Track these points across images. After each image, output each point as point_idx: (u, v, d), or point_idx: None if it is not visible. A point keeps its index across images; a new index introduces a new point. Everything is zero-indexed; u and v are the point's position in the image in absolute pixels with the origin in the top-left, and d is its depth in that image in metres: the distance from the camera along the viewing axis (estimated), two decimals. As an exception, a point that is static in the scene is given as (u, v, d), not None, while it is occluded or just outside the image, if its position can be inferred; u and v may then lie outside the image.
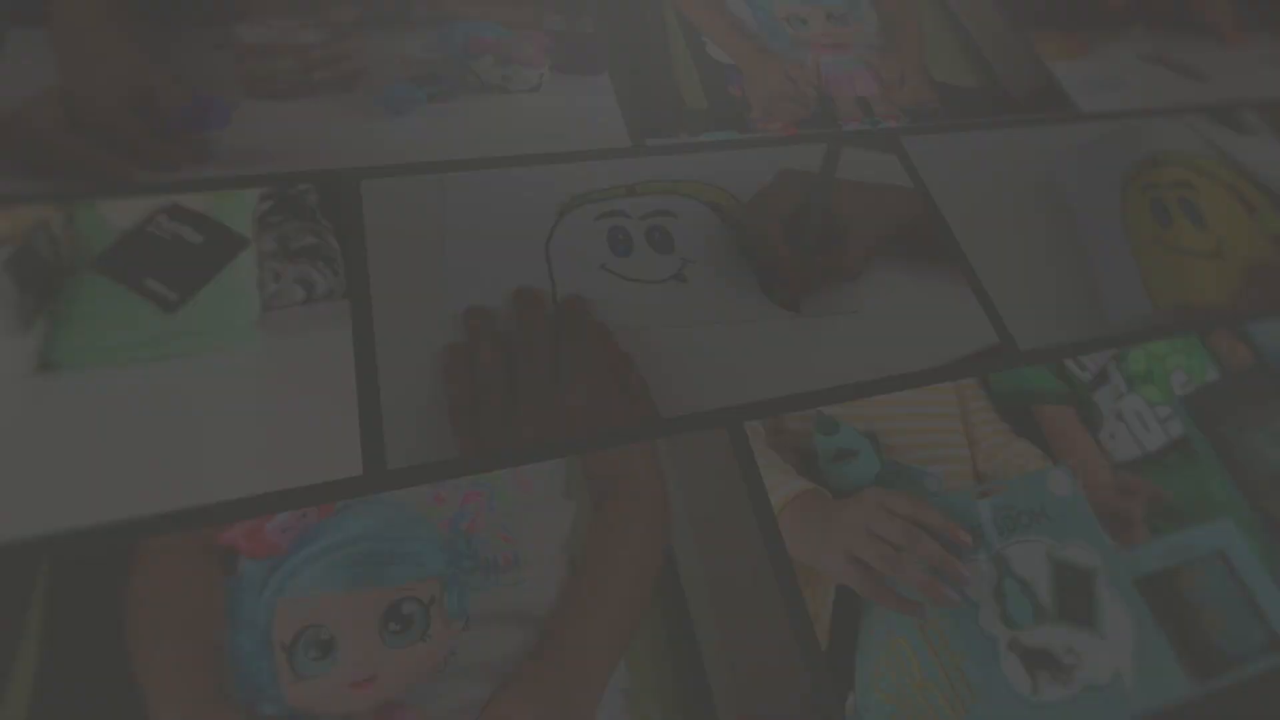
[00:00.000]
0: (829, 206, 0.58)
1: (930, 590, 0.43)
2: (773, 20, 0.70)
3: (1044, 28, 0.79)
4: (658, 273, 0.53)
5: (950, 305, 0.56)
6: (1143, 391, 0.56)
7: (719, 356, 0.51)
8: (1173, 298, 0.62)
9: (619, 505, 0.43)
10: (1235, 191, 0.70)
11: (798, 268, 0.55)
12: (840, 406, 0.50)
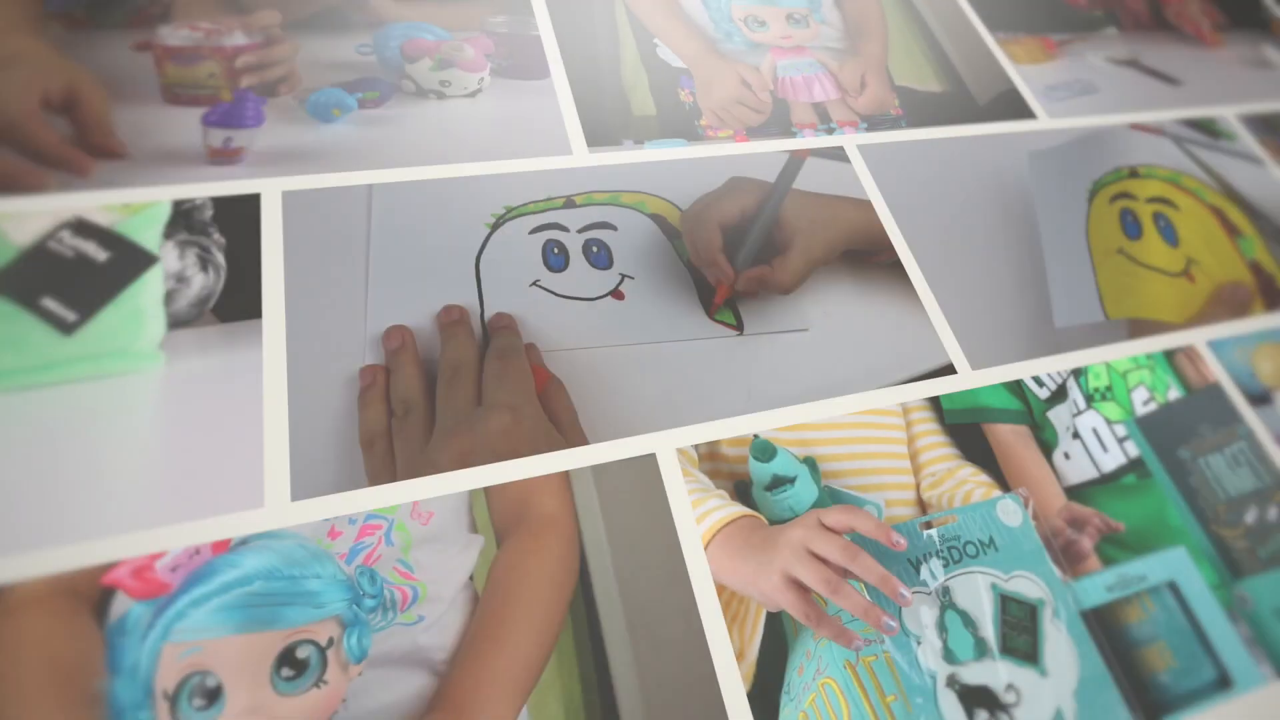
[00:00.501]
0: (776, 217, 0.56)
1: (870, 616, 0.41)
2: (728, 21, 0.68)
3: (1014, 30, 0.77)
4: (593, 289, 0.51)
5: (902, 323, 0.54)
6: (1102, 408, 0.54)
7: (654, 377, 0.49)
8: (1127, 310, 0.60)
9: (525, 540, 0.41)
10: (1219, 214, 0.68)
11: (731, 277, 0.53)
12: (778, 430, 0.48)
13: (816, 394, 0.50)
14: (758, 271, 0.54)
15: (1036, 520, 0.47)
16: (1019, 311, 0.57)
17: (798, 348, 0.52)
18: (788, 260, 0.54)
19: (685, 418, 0.47)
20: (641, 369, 0.49)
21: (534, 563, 0.40)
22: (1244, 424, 0.56)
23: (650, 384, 0.48)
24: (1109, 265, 0.62)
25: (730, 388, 0.49)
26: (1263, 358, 0.61)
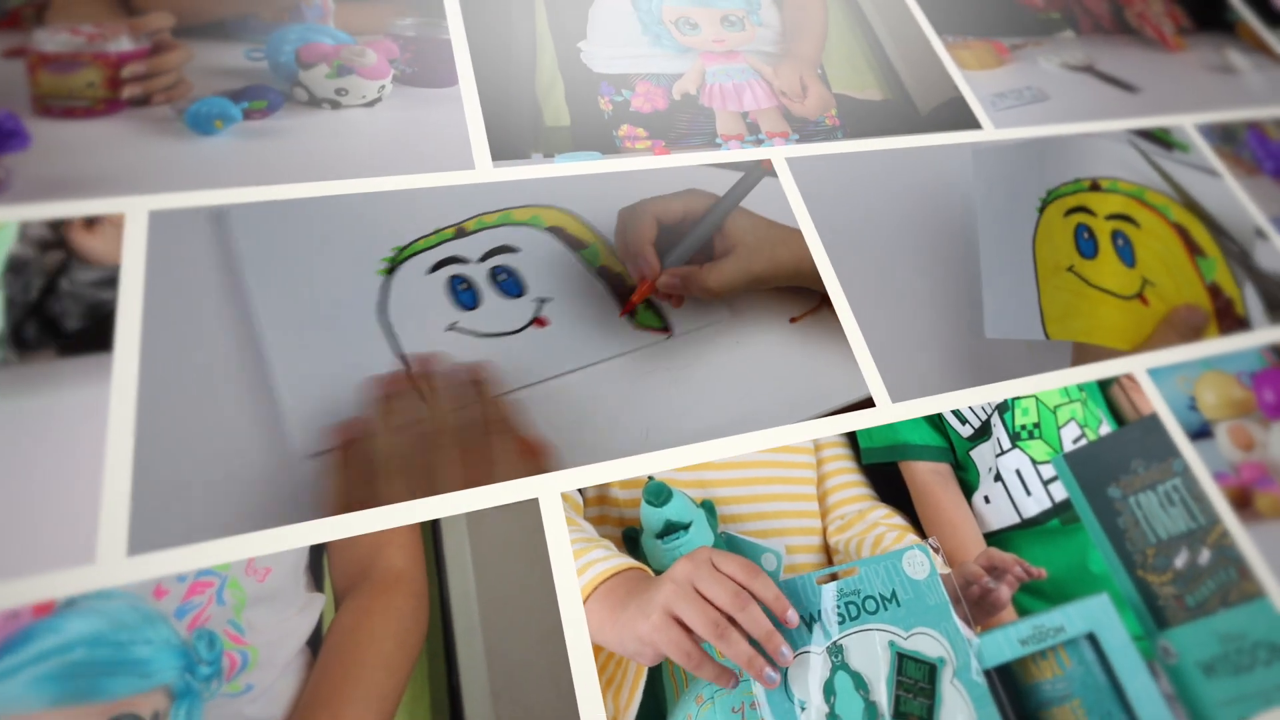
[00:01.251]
0: (720, 224, 0.53)
1: (752, 666, 0.39)
2: (658, 24, 0.64)
3: (964, 34, 0.73)
4: (514, 321, 0.48)
5: (821, 353, 0.51)
6: (1028, 448, 0.51)
7: (595, 404, 0.46)
8: (1071, 333, 0.57)
9: (369, 598, 0.38)
10: (1183, 233, 0.64)
11: (656, 272, 0.50)
12: (676, 471, 0.45)
13: (720, 430, 0.47)
14: (685, 270, 0.51)
15: (950, 569, 0.45)
16: (950, 340, 0.54)
17: (715, 378, 0.49)
18: (721, 265, 0.51)
19: (580, 456, 0.44)
20: (585, 396, 0.46)
21: (378, 623, 0.38)
22: (1180, 458, 0.53)
23: (591, 411, 0.46)
24: (1056, 282, 0.59)
25: (631, 422, 0.46)
26: (1206, 387, 0.58)
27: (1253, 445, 0.56)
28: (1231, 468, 0.55)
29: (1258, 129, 0.76)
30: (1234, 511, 0.52)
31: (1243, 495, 0.53)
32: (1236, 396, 0.58)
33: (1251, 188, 0.71)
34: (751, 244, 0.53)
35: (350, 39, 0.56)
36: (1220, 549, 0.50)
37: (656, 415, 0.46)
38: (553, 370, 0.46)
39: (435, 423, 0.43)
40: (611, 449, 0.45)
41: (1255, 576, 0.50)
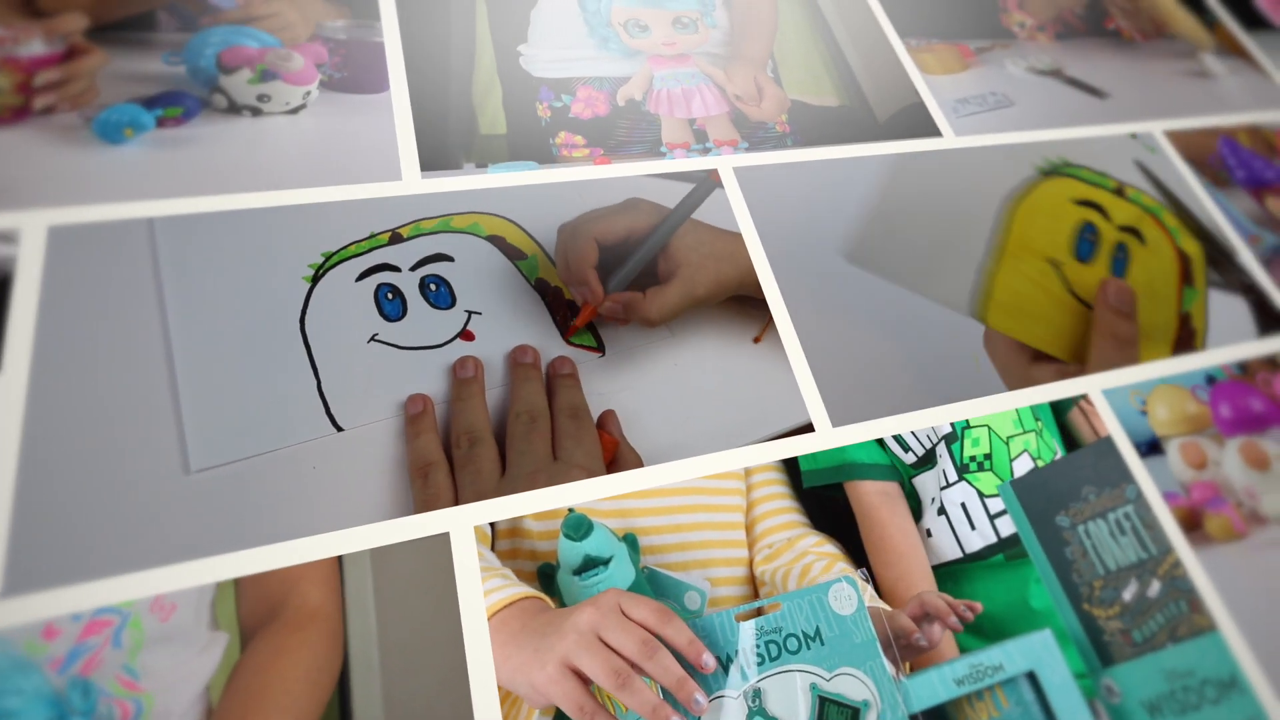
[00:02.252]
0: (665, 244, 0.51)
1: (657, 716, 0.37)
2: (606, 26, 0.62)
3: (928, 36, 0.71)
4: (439, 334, 0.46)
5: (766, 374, 0.49)
6: (976, 480, 0.49)
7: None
8: (1015, 329, 0.55)
9: (280, 636, 0.36)
10: (1185, 263, 0.61)
11: (600, 298, 0.48)
12: (599, 501, 0.43)
13: (650, 457, 0.45)
14: (627, 297, 0.49)
15: (880, 603, 0.43)
16: (896, 361, 0.52)
17: (648, 399, 0.47)
18: (664, 292, 0.49)
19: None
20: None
21: (288, 664, 0.36)
22: (1134, 484, 0.51)
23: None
24: (1023, 268, 0.55)
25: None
26: (1159, 401, 0.56)
27: (1205, 463, 0.54)
28: (1182, 487, 0.53)
29: (1230, 137, 0.74)
30: (1185, 536, 0.50)
31: (1192, 517, 0.51)
32: (1191, 411, 0.56)
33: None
34: (696, 263, 0.51)
35: (277, 42, 0.54)
36: (1171, 580, 0.48)
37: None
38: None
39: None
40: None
41: (1206, 609, 0.48)
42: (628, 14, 0.63)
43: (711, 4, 0.66)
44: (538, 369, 0.45)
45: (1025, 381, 0.54)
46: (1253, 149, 0.74)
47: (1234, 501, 0.53)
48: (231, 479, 0.39)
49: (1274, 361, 0.61)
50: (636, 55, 0.61)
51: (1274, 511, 0.53)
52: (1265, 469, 0.55)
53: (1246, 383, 0.59)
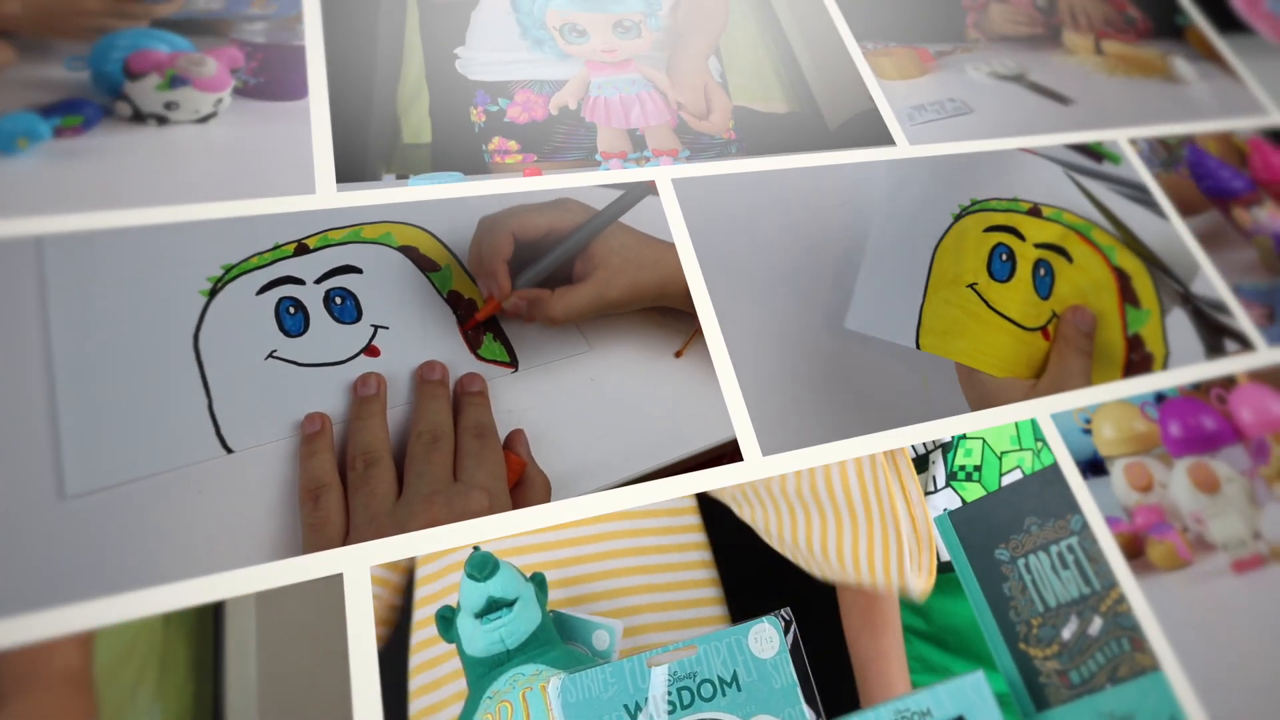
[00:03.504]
0: (584, 244, 0.49)
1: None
2: (540, 28, 0.59)
3: (886, 40, 0.69)
4: (342, 350, 0.44)
5: (693, 392, 0.47)
6: (962, 489, 0.48)
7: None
8: (950, 351, 0.53)
9: (33, 703, 0.33)
10: (1123, 280, 0.59)
11: (505, 293, 0.47)
12: (508, 538, 0.41)
13: (564, 486, 0.43)
14: (533, 293, 0.47)
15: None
16: (834, 384, 0.50)
17: (570, 423, 0.45)
18: (572, 291, 0.48)
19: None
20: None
21: None
22: (1079, 514, 0.49)
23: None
24: (947, 296, 0.55)
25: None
26: (1104, 418, 0.54)
27: (1151, 485, 0.52)
28: (1125, 512, 0.51)
29: (1196, 145, 0.72)
30: (1127, 565, 0.48)
31: (1135, 544, 0.49)
32: (1138, 430, 0.54)
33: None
34: (615, 266, 0.49)
35: (190, 46, 0.51)
36: (1114, 617, 0.46)
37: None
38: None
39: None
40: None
41: (1148, 647, 0.46)
42: (563, 18, 0.61)
43: (657, 4, 0.64)
44: (445, 386, 0.43)
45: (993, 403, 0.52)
46: (1221, 158, 0.72)
47: (1180, 527, 0.51)
48: (109, 505, 0.37)
49: (1230, 377, 0.59)
50: (574, 61, 0.59)
51: (1221, 537, 0.52)
52: (1214, 492, 0.53)
53: (1199, 399, 0.57)
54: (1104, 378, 0.55)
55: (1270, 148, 0.75)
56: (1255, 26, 0.87)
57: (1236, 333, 0.61)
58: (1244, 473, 0.55)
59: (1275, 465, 0.56)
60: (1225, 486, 0.54)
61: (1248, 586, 0.50)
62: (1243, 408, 0.58)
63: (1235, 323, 0.61)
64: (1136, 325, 0.58)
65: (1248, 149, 0.74)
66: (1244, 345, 0.61)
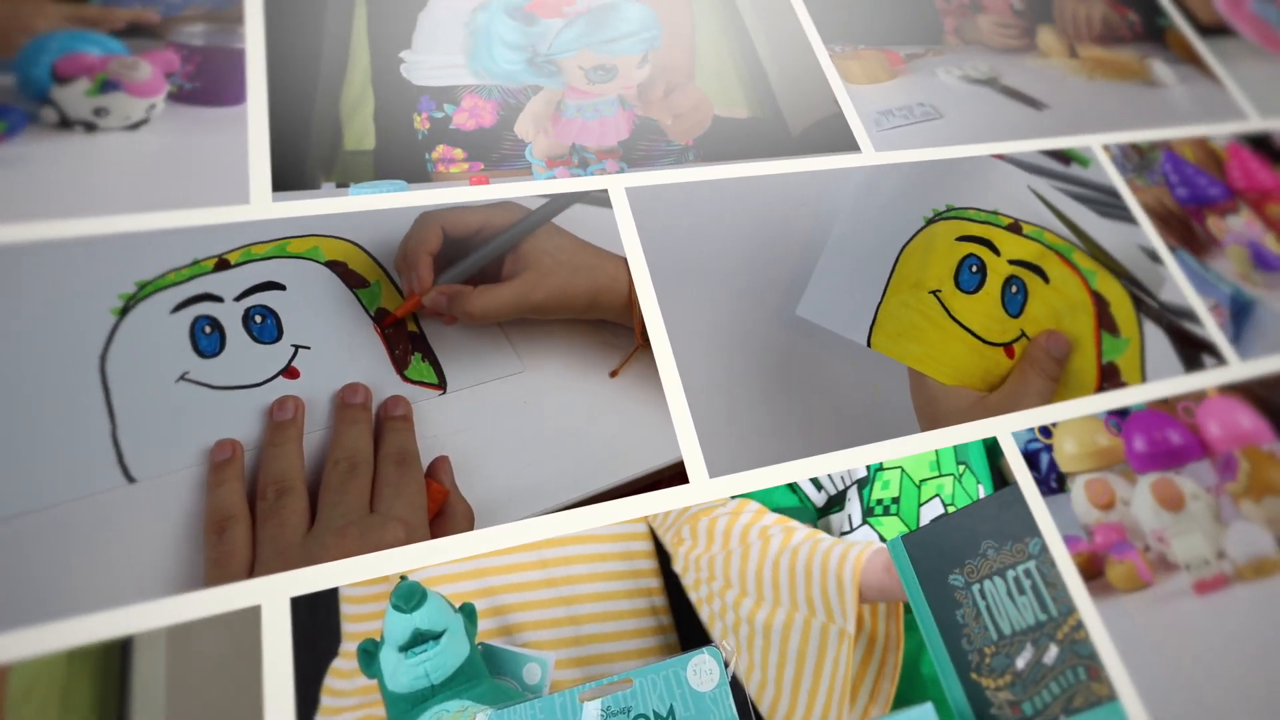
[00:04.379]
0: (515, 243, 0.48)
1: None
2: (550, 65, 0.57)
3: (854, 42, 0.67)
4: (259, 371, 0.42)
5: (636, 413, 0.46)
6: (879, 525, 0.46)
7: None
8: (901, 354, 0.52)
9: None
10: (1101, 305, 0.57)
11: (426, 288, 0.45)
12: (440, 566, 0.39)
13: (492, 513, 0.41)
14: (453, 288, 0.46)
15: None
16: (788, 402, 0.49)
17: (503, 442, 0.43)
18: (495, 289, 0.46)
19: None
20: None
21: None
22: (1038, 537, 0.48)
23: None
24: (906, 299, 0.54)
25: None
26: (1066, 432, 0.52)
27: (1113, 503, 0.51)
28: (1085, 530, 0.49)
29: (1173, 151, 0.70)
30: (1085, 587, 0.47)
31: (1093, 564, 0.48)
32: (1101, 445, 0.53)
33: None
34: (545, 268, 0.48)
35: (123, 49, 0.49)
36: (1071, 645, 0.45)
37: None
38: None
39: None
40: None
41: (1105, 676, 0.45)
42: (596, 59, 0.58)
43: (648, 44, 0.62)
44: (367, 410, 0.42)
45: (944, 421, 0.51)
46: (1197, 164, 0.71)
47: (1141, 546, 0.50)
48: (3, 538, 0.35)
49: (1199, 390, 0.57)
50: (554, 76, 0.57)
51: (1184, 557, 0.50)
52: (1178, 509, 0.52)
53: (1165, 413, 0.56)
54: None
55: (1249, 154, 0.74)
56: (1238, 29, 0.85)
57: (1211, 346, 0.60)
58: (1209, 489, 0.54)
59: (1242, 481, 0.55)
60: (1190, 504, 0.52)
61: (1209, 608, 0.49)
62: (1210, 421, 0.56)
63: (1204, 330, 0.60)
64: (1113, 354, 0.56)
65: (1226, 155, 0.73)
66: (1217, 359, 0.59)
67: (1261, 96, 0.79)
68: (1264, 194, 0.71)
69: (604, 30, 0.59)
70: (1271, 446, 0.57)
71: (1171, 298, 0.61)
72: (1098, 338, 0.56)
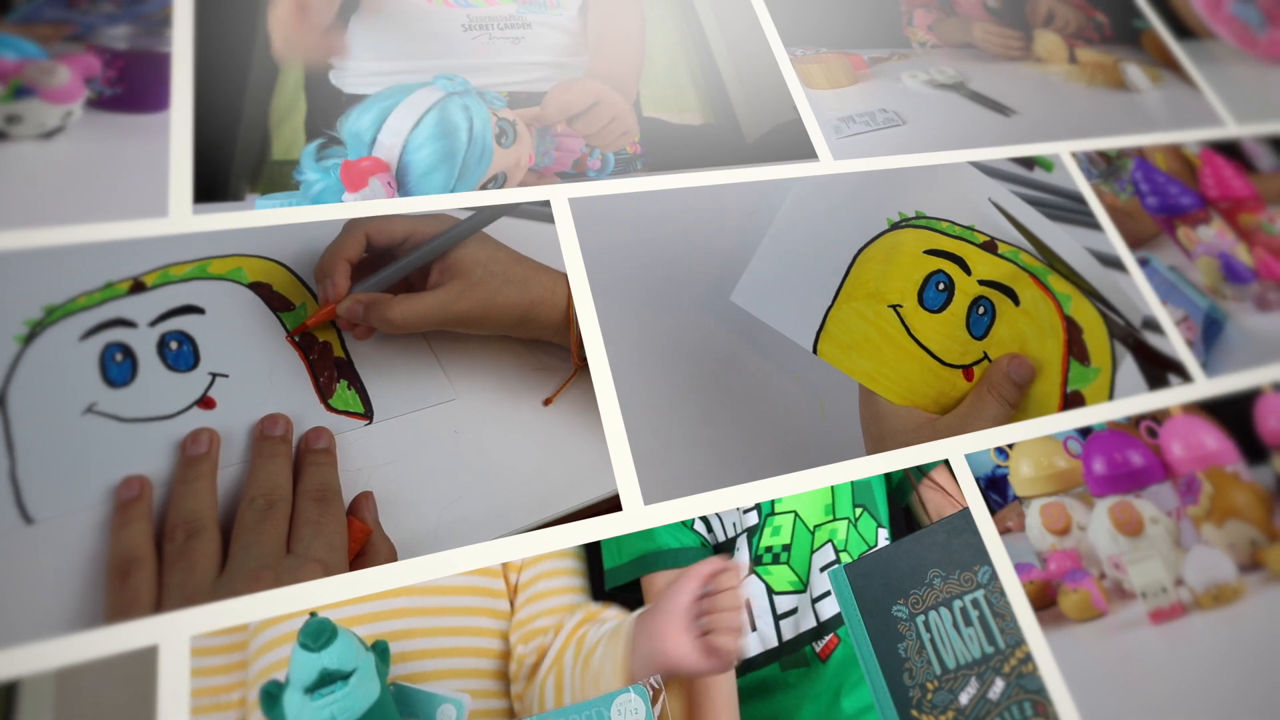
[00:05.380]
0: (443, 250, 0.46)
1: None
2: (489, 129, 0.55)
3: (816, 45, 0.65)
4: (173, 402, 0.40)
5: (571, 441, 0.44)
6: (767, 574, 0.43)
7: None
8: (849, 366, 0.50)
9: None
10: (1073, 331, 0.55)
11: (340, 296, 0.43)
12: (348, 604, 0.38)
13: (415, 544, 0.40)
14: (371, 296, 0.44)
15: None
16: (730, 426, 0.47)
17: (427, 471, 0.41)
18: (417, 297, 0.45)
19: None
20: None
21: None
22: (988, 565, 0.46)
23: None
24: (860, 308, 0.52)
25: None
26: (1023, 454, 0.51)
27: (1069, 528, 0.49)
28: (1038, 558, 0.48)
29: (1144, 158, 0.68)
30: (1036, 618, 0.45)
31: (1045, 594, 0.46)
32: (1059, 468, 0.51)
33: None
34: (475, 278, 0.46)
35: (41, 53, 0.47)
36: (1018, 679, 0.44)
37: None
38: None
39: None
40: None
41: (1053, 712, 0.43)
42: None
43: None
44: (287, 443, 0.40)
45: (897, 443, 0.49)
46: (1169, 172, 0.69)
47: (1096, 573, 0.48)
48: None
49: (1163, 409, 0.56)
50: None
51: (1141, 584, 0.49)
52: (1137, 534, 0.50)
53: (1128, 433, 0.54)
54: (1029, 432, 0.51)
55: (1224, 161, 0.72)
56: (1217, 31, 0.83)
57: (1178, 365, 0.58)
58: (1170, 513, 0.52)
59: (1204, 504, 0.53)
60: (1149, 528, 0.51)
61: (1165, 639, 0.47)
62: (1174, 441, 0.55)
63: (1170, 343, 0.58)
64: (1080, 383, 0.54)
65: (1199, 162, 0.71)
66: (1184, 378, 0.57)
67: (1238, 102, 0.77)
68: (1237, 202, 0.69)
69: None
70: (1236, 467, 0.55)
71: (1137, 309, 0.59)
72: (1065, 365, 0.54)
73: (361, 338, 0.44)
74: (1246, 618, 0.49)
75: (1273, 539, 0.53)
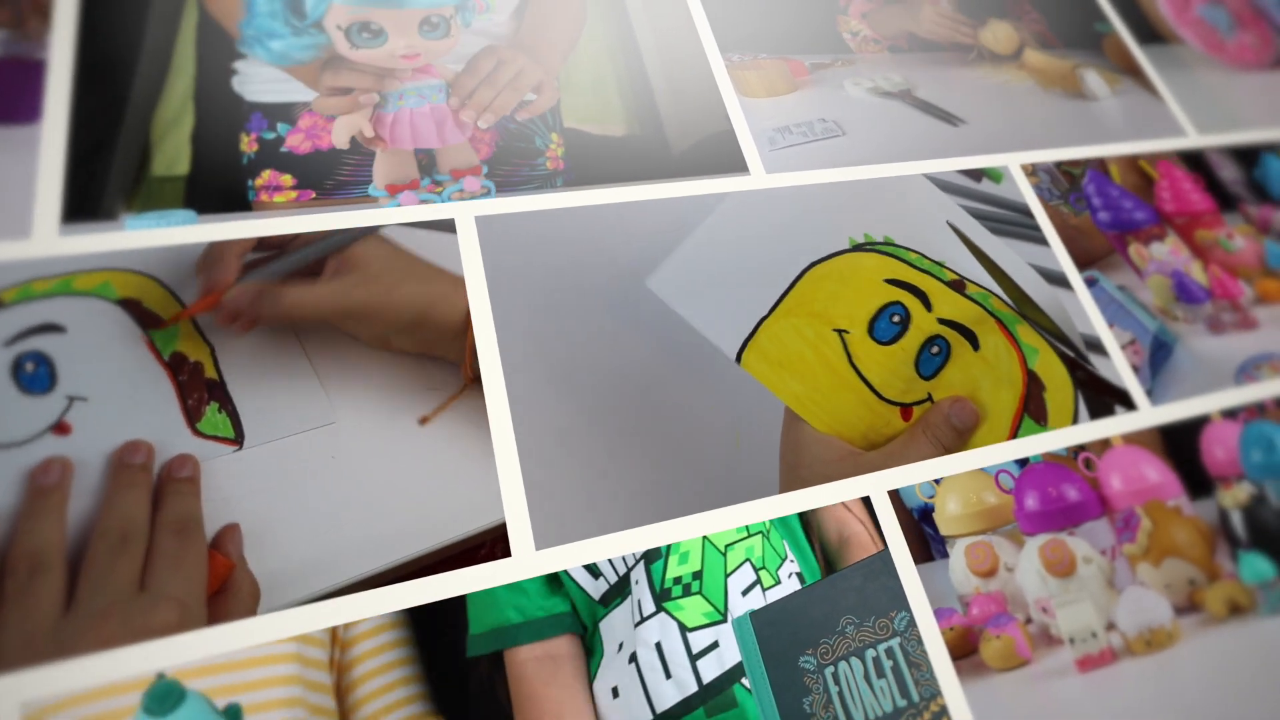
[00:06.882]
0: (344, 244, 0.45)
1: None
2: (310, 34, 0.52)
3: (755, 50, 0.62)
4: (23, 428, 0.38)
5: (458, 467, 0.42)
6: (678, 610, 0.41)
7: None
8: (777, 385, 0.48)
9: None
10: (1033, 385, 0.52)
11: (226, 285, 0.41)
12: (200, 663, 0.35)
13: (279, 580, 0.37)
14: (260, 285, 0.42)
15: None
16: (641, 455, 0.45)
17: (283, 514, 0.39)
18: (310, 285, 0.43)
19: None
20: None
21: None
22: (906, 610, 0.44)
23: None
24: (801, 325, 0.50)
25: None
26: (950, 490, 0.48)
27: (995, 569, 0.47)
28: (960, 602, 0.45)
29: (1098, 170, 0.66)
30: (955, 669, 0.43)
31: (965, 642, 0.44)
32: (989, 504, 0.49)
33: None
34: (373, 272, 0.44)
35: (-97, 58, 0.44)
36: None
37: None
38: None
39: None
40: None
41: (966, 770, 0.41)
42: (351, 16, 0.52)
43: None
44: (147, 472, 0.37)
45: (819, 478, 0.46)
46: (1123, 185, 0.66)
47: (1022, 618, 0.46)
48: None
49: (1105, 440, 0.53)
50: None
51: (1069, 629, 0.46)
52: (1068, 575, 0.48)
53: (1064, 465, 0.51)
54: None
55: (1182, 173, 0.69)
56: (1182, 35, 0.80)
57: (1123, 393, 0.55)
58: (1105, 551, 0.50)
59: (1142, 541, 0.51)
60: (1081, 568, 0.48)
61: (1092, 688, 0.45)
62: (1113, 474, 0.52)
63: (1114, 368, 0.56)
64: (1030, 431, 0.51)
65: (1156, 174, 0.68)
66: (1127, 406, 0.55)
67: (1201, 111, 0.74)
68: (1194, 217, 0.67)
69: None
70: (1178, 501, 0.53)
71: (1083, 330, 0.56)
72: (1016, 421, 0.51)
73: (242, 331, 0.41)
74: (1180, 664, 0.47)
75: (1212, 578, 0.51)
